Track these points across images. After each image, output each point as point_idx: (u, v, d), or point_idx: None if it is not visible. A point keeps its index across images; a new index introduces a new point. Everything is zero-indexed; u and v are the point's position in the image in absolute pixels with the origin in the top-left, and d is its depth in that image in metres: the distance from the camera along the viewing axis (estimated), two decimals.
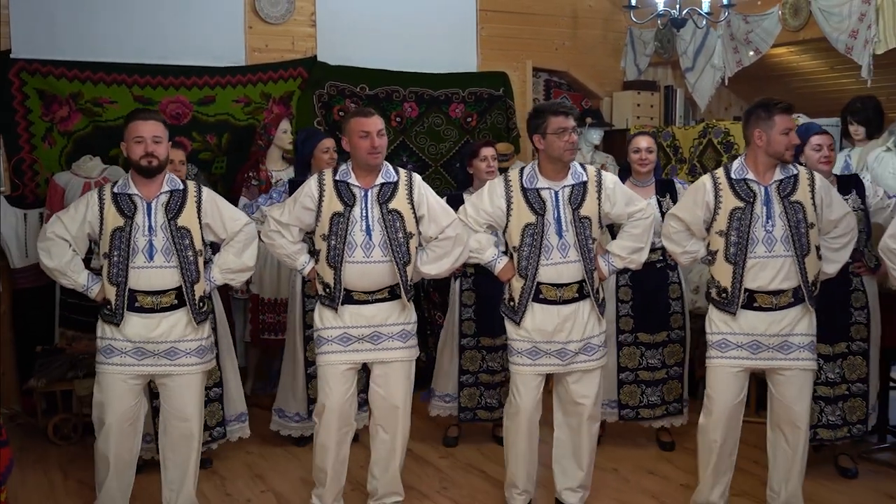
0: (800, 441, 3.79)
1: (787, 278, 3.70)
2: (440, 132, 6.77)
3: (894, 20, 5.42)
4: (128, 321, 3.70)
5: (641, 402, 4.93)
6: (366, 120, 3.77)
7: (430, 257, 3.91)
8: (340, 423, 3.88)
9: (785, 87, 7.14)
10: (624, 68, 7.47)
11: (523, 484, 4.02)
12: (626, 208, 3.89)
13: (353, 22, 6.53)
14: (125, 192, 3.74)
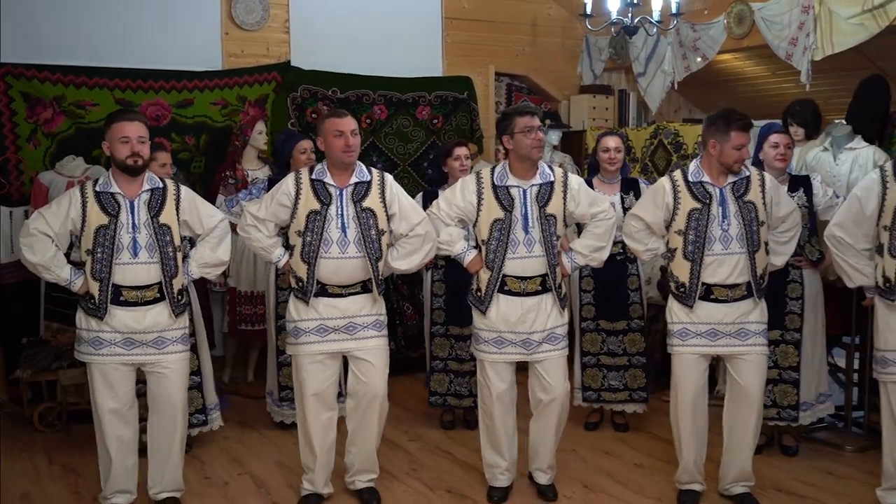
0: (753, 420, 3.88)
1: (741, 273, 3.78)
2: (408, 133, 6.80)
3: (831, 29, 5.51)
4: (113, 314, 3.68)
5: (603, 385, 4.98)
6: (340, 120, 3.77)
7: (401, 253, 3.93)
8: (322, 409, 3.90)
9: (730, 91, 7.23)
10: (580, 73, 7.52)
11: (505, 462, 4.05)
12: (590, 209, 3.93)
13: (325, 29, 6.53)
14: (107, 190, 3.71)
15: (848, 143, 4.88)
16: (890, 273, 3.65)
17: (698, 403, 3.91)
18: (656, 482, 4.28)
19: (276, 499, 4.12)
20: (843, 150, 4.86)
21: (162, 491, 3.89)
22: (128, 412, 3.80)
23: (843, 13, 5.40)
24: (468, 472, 4.44)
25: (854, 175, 4.77)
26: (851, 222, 3.77)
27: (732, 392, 3.93)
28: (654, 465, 4.53)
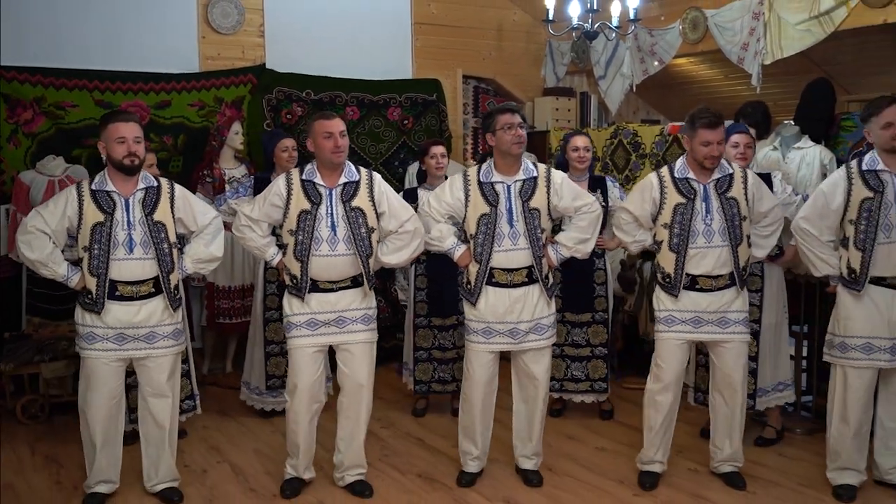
0: (737, 403, 3.92)
1: (724, 265, 3.82)
2: (379, 133, 6.77)
3: (780, 35, 5.55)
4: (108, 309, 3.65)
5: (566, 375, 4.97)
6: (329, 122, 3.75)
7: (391, 248, 3.91)
8: (311, 401, 3.88)
9: (685, 93, 7.28)
10: (544, 76, 7.53)
11: (475, 450, 4.04)
12: (574, 202, 3.92)
13: (299, 33, 6.50)
14: (103, 188, 3.68)
15: (796, 143, 4.92)
16: (855, 264, 3.72)
17: (677, 387, 3.95)
18: (618, 465, 4.29)
19: (253, 485, 4.08)
20: (792, 150, 4.90)
21: (158, 483, 3.86)
22: (114, 406, 3.76)
23: (791, 20, 5.45)
24: (438, 458, 4.43)
25: (802, 173, 4.81)
26: (817, 216, 3.82)
27: (715, 378, 3.98)
28: (616, 448, 4.54)
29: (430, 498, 3.93)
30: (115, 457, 3.82)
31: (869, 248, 3.67)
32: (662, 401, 3.94)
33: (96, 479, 3.79)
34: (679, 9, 6.32)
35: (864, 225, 3.67)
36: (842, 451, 3.85)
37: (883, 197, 3.65)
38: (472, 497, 3.93)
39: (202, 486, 4.09)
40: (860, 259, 3.69)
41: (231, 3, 6.25)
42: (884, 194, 3.65)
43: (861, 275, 3.70)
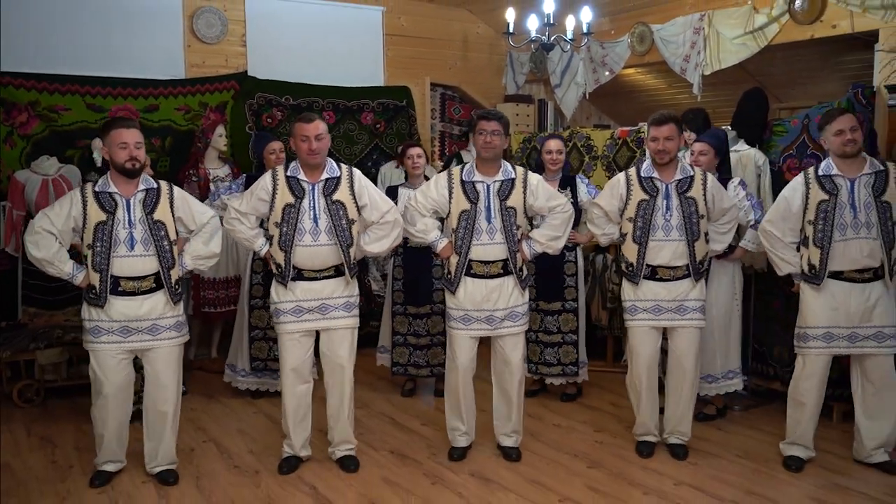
0: (689, 381, 3.99)
1: (681, 257, 3.89)
2: (353, 136, 6.74)
3: (718, 48, 5.61)
4: (112, 303, 3.61)
5: (540, 359, 4.98)
6: (306, 125, 3.73)
7: (373, 238, 3.89)
8: (299, 381, 3.87)
9: (634, 100, 7.33)
10: (505, 84, 7.55)
11: (463, 426, 4.05)
12: (548, 203, 3.94)
13: (279, 43, 6.46)
14: (106, 190, 3.64)
15: (733, 146, 4.96)
16: (814, 260, 3.78)
17: (651, 368, 4.01)
18: (573, 440, 4.33)
19: (237, 463, 4.06)
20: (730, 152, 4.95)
21: (157, 465, 3.82)
22: (122, 395, 3.73)
23: (728, 34, 5.51)
24: (409, 436, 4.44)
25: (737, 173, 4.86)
26: (780, 218, 3.88)
27: (671, 360, 4.04)
28: (570, 425, 4.58)
29: (401, 472, 3.93)
30: (122, 439, 3.82)
31: (826, 246, 3.73)
32: (641, 381, 4.01)
33: (105, 458, 3.78)
34: (627, 23, 6.36)
35: (822, 224, 3.74)
36: (796, 429, 3.92)
37: (837, 199, 3.72)
38: (441, 471, 3.94)
39: (189, 464, 4.05)
40: (819, 256, 3.75)
41: (215, 15, 6.19)
42: (838, 196, 3.72)
43: (820, 270, 3.76)
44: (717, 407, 4.66)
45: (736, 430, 4.43)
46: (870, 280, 3.75)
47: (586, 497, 3.62)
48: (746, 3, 5.41)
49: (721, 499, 3.58)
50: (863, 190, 3.71)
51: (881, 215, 3.69)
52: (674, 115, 3.92)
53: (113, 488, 3.74)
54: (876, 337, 3.76)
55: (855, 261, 3.72)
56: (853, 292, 3.76)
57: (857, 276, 3.75)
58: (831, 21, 4.93)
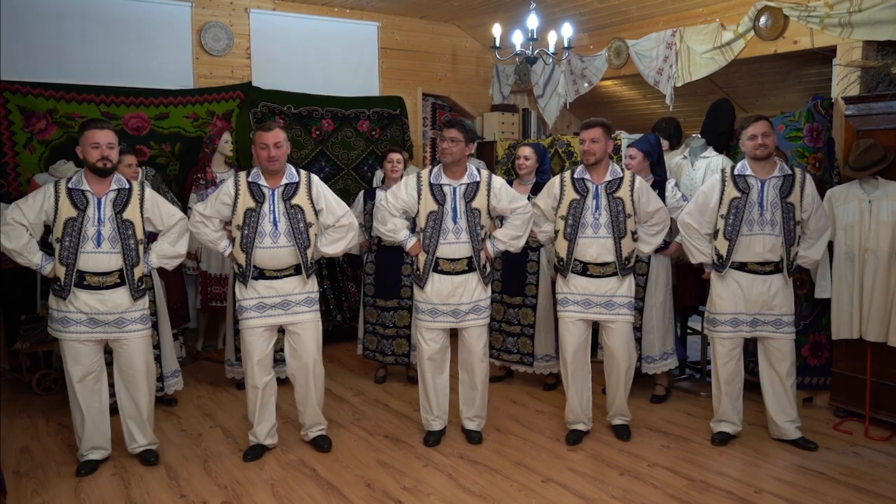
0: (622, 371, 4.00)
1: (608, 254, 3.88)
2: (350, 142, 6.71)
3: (689, 62, 5.61)
4: (77, 296, 3.52)
5: (502, 347, 5.02)
6: (265, 134, 3.66)
7: (329, 240, 3.86)
8: (264, 374, 3.81)
9: (611, 110, 7.33)
10: (491, 94, 7.53)
11: (435, 411, 4.04)
12: (510, 204, 3.93)
13: (281, 55, 6.42)
14: (78, 187, 3.55)
15: (702, 153, 4.98)
16: (722, 251, 3.87)
17: (578, 358, 4.00)
18: (553, 425, 4.32)
19: (242, 447, 4.02)
20: (699, 158, 4.97)
21: (138, 446, 3.77)
22: (95, 380, 3.66)
23: (698, 49, 5.51)
24: (403, 421, 4.42)
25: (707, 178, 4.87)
26: (698, 212, 3.95)
27: (605, 352, 4.06)
28: (552, 411, 4.58)
29: (395, 454, 3.92)
30: (101, 426, 3.71)
31: (734, 239, 3.82)
32: (569, 370, 4.00)
33: (87, 446, 3.70)
34: (605, 39, 6.36)
35: (732, 219, 3.82)
36: (718, 407, 4.01)
37: (748, 197, 3.80)
38: (432, 454, 3.92)
39: (197, 447, 4.03)
40: (726, 247, 3.84)
41: (222, 29, 6.15)
42: (749, 195, 3.80)
43: (726, 259, 3.85)
44: (664, 387, 4.75)
45: (704, 416, 4.43)
46: (771, 272, 3.83)
47: (567, 477, 3.62)
48: (715, 21, 5.42)
49: (692, 479, 3.58)
50: (771, 191, 3.79)
51: (785, 215, 3.78)
52: (602, 121, 3.93)
53: (126, 470, 3.71)
54: (775, 323, 3.87)
55: (758, 254, 3.81)
56: (755, 282, 3.84)
57: (759, 269, 3.84)
58: (793, 37, 4.94)
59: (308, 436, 4.00)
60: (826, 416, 4.45)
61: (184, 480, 3.62)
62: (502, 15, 6.47)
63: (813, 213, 3.83)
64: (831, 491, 3.45)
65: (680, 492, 3.44)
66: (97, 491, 3.51)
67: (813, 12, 4.69)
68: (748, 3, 5.14)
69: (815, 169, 4.46)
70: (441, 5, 6.57)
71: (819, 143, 4.48)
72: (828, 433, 4.18)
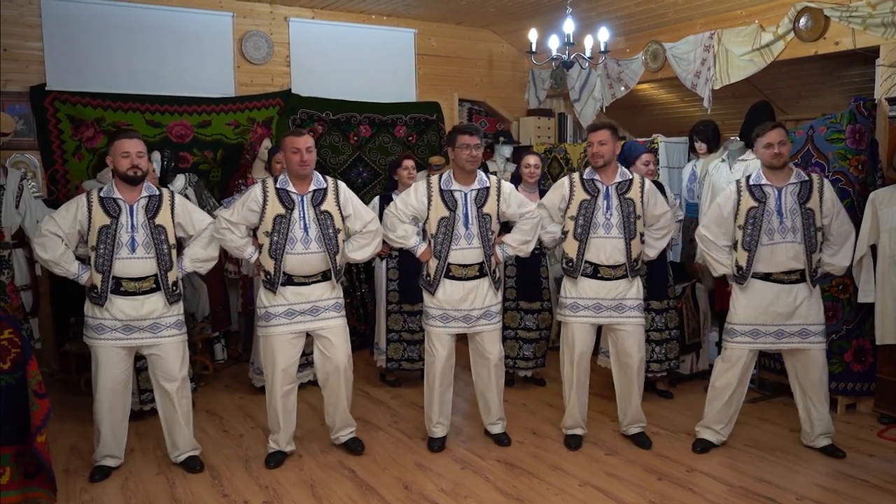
0: (634, 376, 3.95)
1: (620, 255, 3.85)
2: (388, 148, 6.76)
3: (727, 64, 5.56)
4: (113, 302, 3.57)
5: (518, 355, 4.98)
6: (297, 139, 3.67)
7: (356, 246, 3.86)
8: (287, 381, 3.81)
9: (647, 113, 7.28)
10: (527, 99, 7.53)
11: (437, 417, 4.03)
12: (519, 209, 3.92)
13: (320, 63, 6.50)
14: (110, 196, 3.59)
15: (741, 156, 4.92)
16: (742, 262, 3.79)
17: (582, 364, 3.96)
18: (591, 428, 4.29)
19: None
20: (737, 161, 4.91)
21: (181, 453, 3.81)
22: (122, 390, 3.69)
23: (736, 51, 5.45)
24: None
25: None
26: (714, 224, 3.88)
27: (615, 358, 4.00)
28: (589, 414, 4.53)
29: (433, 458, 3.93)
30: (120, 435, 3.75)
31: (753, 249, 3.74)
32: (572, 376, 3.97)
33: (102, 453, 3.74)
34: (642, 42, 6.33)
35: (750, 229, 3.74)
36: (708, 413, 3.96)
37: (765, 206, 3.72)
38: (469, 457, 3.93)
39: (239, 447, 4.09)
40: (746, 258, 3.76)
41: (262, 38, 6.25)
42: (766, 204, 3.72)
43: (746, 271, 3.77)
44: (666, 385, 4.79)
45: (745, 421, 4.36)
46: (796, 281, 3.74)
47: (604, 482, 3.59)
48: (753, 22, 5.35)
49: (731, 485, 3.53)
50: (789, 198, 3.71)
51: (805, 221, 3.69)
52: (609, 124, 3.90)
53: (170, 469, 3.79)
54: (801, 333, 3.76)
55: (781, 263, 3.72)
56: (781, 293, 3.75)
57: (784, 278, 3.75)
58: (834, 38, 4.85)
59: (339, 439, 4.01)
60: (870, 422, 4.36)
61: (226, 480, 3.68)
62: (538, 20, 6.47)
63: (834, 217, 3.72)
64: (874, 499, 3.38)
65: (720, 497, 3.40)
66: (143, 489, 3.58)
67: (855, 12, 4.60)
68: (788, 4, 5.07)
69: (858, 171, 4.37)
70: (477, 11, 6.59)
71: (862, 145, 4.39)
72: (871, 440, 4.09)
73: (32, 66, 5.44)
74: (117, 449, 3.76)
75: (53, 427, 4.29)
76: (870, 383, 4.44)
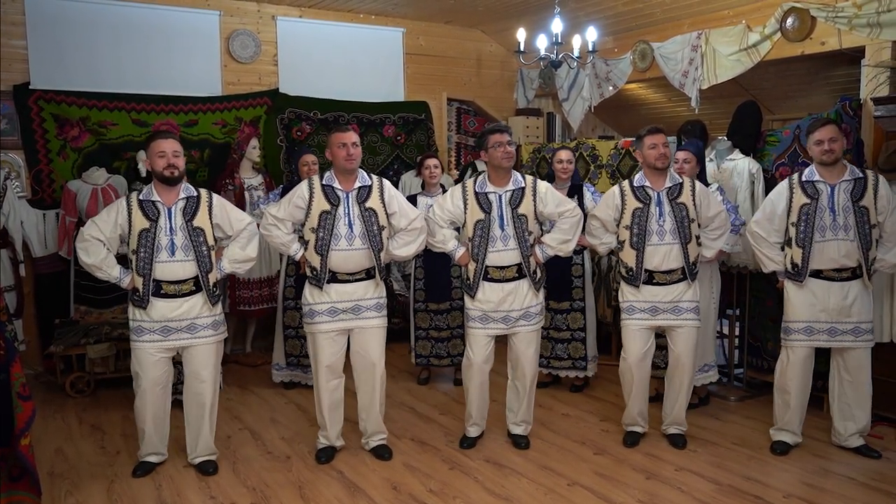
0: (685, 377, 3.94)
1: (675, 260, 3.83)
2: (376, 147, 6.75)
3: (715, 64, 5.57)
4: (154, 305, 3.59)
5: (551, 355, 4.96)
6: (343, 134, 3.72)
7: (400, 243, 3.87)
8: (333, 377, 3.83)
9: (635, 113, 7.30)
10: (516, 99, 7.53)
11: (475, 418, 4.04)
12: (557, 208, 3.89)
13: (307, 62, 6.47)
14: (149, 199, 3.61)
15: (729, 156, 4.93)
16: (797, 259, 3.77)
17: (642, 365, 3.96)
18: (579, 428, 4.31)
19: (269, 448, 4.07)
20: (725, 161, 4.92)
21: (198, 456, 3.81)
22: (161, 391, 3.72)
23: (724, 51, 5.47)
24: (429, 424, 4.43)
25: (733, 181, 4.83)
26: (766, 220, 3.87)
27: (671, 358, 3.99)
28: (577, 414, 4.56)
29: (421, 458, 3.93)
30: (163, 432, 3.79)
31: (808, 246, 3.73)
32: (629, 376, 3.97)
33: (147, 451, 3.77)
34: (630, 42, 6.34)
35: (804, 226, 3.73)
36: (782, 416, 3.92)
37: (818, 203, 3.71)
38: (458, 457, 3.93)
39: (226, 449, 4.07)
40: (801, 255, 3.75)
41: (249, 37, 6.22)
42: (818, 201, 3.71)
43: (802, 268, 3.76)
44: (699, 396, 4.65)
45: (732, 420, 4.39)
46: (848, 279, 3.74)
47: (593, 481, 3.60)
48: (741, 23, 5.37)
49: (719, 483, 3.55)
50: (842, 195, 3.70)
51: (858, 219, 3.68)
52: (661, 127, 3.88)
53: (157, 472, 3.77)
54: (854, 331, 3.75)
55: (833, 260, 3.72)
56: (832, 290, 3.75)
57: (835, 275, 3.74)
58: (820, 38, 4.88)
59: (369, 444, 3.99)
60: None
61: (213, 482, 3.66)
62: (527, 19, 6.47)
63: (889, 215, 3.69)
64: (861, 496, 3.40)
65: (708, 496, 3.41)
66: (129, 492, 3.56)
67: (841, 13, 4.63)
68: (775, 4, 5.10)
69: None
70: (465, 10, 6.59)
71: (848, 145, 4.41)
72: None
73: (16, 64, 5.39)
74: (161, 445, 3.81)
75: (38, 430, 4.25)
76: None
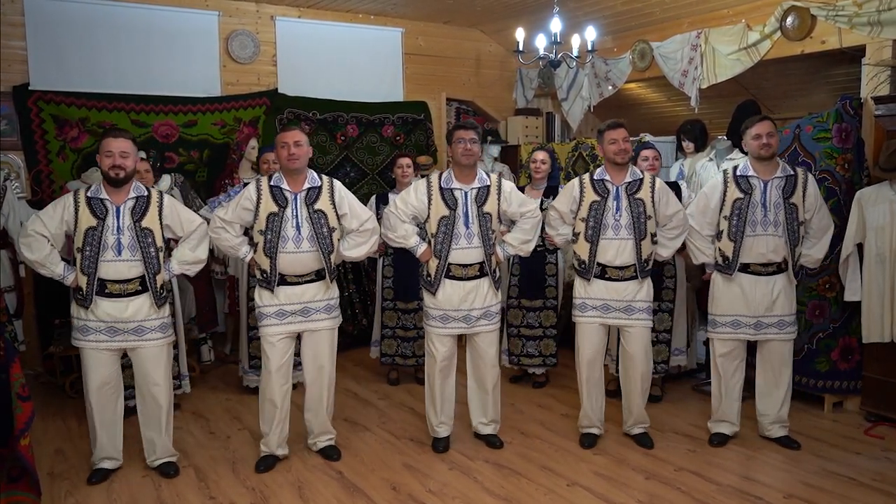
0: (638, 377, 3.95)
1: (629, 256, 3.83)
2: (375, 147, 6.75)
3: (714, 63, 5.57)
4: (98, 304, 3.52)
5: (522, 352, 5.00)
6: (285, 133, 3.66)
7: (352, 244, 3.83)
8: (281, 382, 3.78)
9: (635, 113, 7.29)
10: (515, 98, 7.53)
11: (438, 417, 4.01)
12: (520, 208, 3.90)
13: (306, 62, 6.47)
14: (97, 196, 3.53)
15: (728, 155, 4.94)
16: (728, 252, 3.85)
17: (595, 362, 3.97)
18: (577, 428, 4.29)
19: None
20: (725, 160, 4.93)
21: (157, 459, 3.76)
22: (110, 390, 3.64)
23: (723, 50, 5.47)
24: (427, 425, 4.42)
25: None
26: (699, 213, 3.94)
27: (623, 357, 4.00)
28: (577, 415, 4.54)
29: (421, 458, 3.93)
30: (114, 436, 3.71)
31: (739, 240, 3.80)
32: (584, 375, 3.98)
33: (100, 455, 3.70)
34: (629, 41, 6.34)
35: (736, 220, 3.80)
36: (717, 407, 4.01)
37: (751, 198, 3.78)
38: (458, 457, 3.93)
39: (226, 449, 4.07)
40: (732, 248, 3.82)
41: (248, 37, 6.22)
42: (752, 195, 3.78)
43: (733, 261, 3.83)
44: (660, 388, 4.77)
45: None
46: (773, 273, 3.81)
47: (592, 481, 3.60)
48: (740, 22, 5.37)
49: (719, 483, 3.54)
50: (774, 191, 3.76)
51: (788, 215, 3.76)
52: (623, 122, 3.90)
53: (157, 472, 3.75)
54: (778, 325, 3.85)
55: (761, 255, 3.79)
56: (758, 284, 3.81)
57: (762, 270, 3.81)
58: (820, 37, 4.88)
59: (317, 445, 3.96)
60: (857, 420, 4.38)
61: (212, 482, 3.66)
62: (525, 19, 6.47)
63: (815, 212, 3.80)
64: (862, 496, 3.40)
65: (707, 496, 3.41)
66: (128, 492, 3.56)
67: (841, 11, 4.63)
68: (774, 3, 5.09)
69: (845, 170, 4.40)
70: (464, 10, 6.59)
71: (848, 144, 4.42)
72: (858, 438, 4.12)
73: (15, 65, 5.39)
74: (114, 450, 3.72)
75: (37, 430, 4.26)
76: (856, 381, 4.47)
